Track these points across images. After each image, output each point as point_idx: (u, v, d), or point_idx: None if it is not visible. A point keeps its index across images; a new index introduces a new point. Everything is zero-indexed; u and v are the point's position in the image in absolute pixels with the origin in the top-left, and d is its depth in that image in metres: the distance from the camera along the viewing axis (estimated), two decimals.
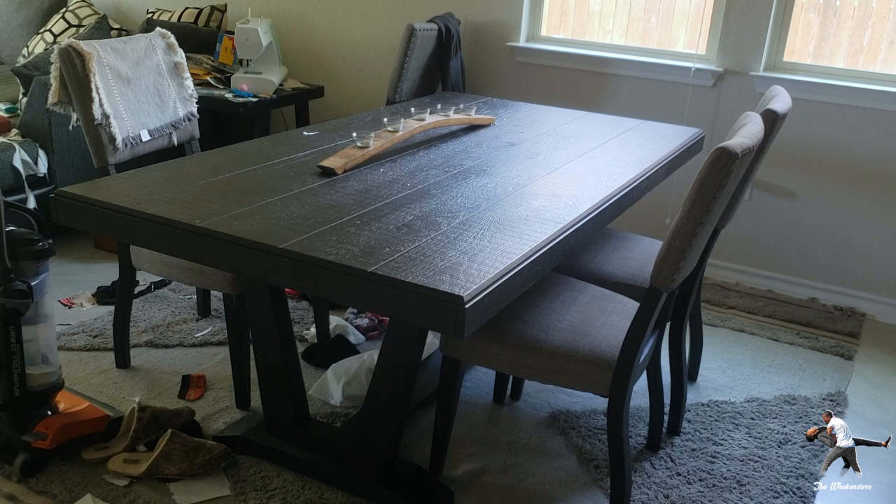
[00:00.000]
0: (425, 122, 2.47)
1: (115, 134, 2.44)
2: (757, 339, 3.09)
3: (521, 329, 1.96)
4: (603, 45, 3.69)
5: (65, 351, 2.69)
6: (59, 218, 1.88)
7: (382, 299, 1.52)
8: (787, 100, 2.30)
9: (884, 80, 3.21)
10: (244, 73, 3.78)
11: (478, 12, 3.80)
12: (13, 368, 2.05)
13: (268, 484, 2.11)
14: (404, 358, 1.96)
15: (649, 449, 2.36)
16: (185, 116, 2.73)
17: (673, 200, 3.61)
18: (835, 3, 3.27)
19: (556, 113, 3.04)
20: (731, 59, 3.38)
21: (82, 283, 3.22)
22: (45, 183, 3.39)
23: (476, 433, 2.40)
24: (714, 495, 2.19)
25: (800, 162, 3.36)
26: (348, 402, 2.48)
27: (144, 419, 2.20)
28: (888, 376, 2.89)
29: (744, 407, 2.61)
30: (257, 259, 1.62)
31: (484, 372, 2.71)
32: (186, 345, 2.80)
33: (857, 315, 3.33)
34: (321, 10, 4.14)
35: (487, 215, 1.86)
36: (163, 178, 1.98)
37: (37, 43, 4.17)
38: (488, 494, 2.14)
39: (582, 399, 2.59)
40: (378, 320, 3.00)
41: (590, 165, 2.34)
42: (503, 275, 1.56)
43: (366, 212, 1.83)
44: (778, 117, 2.15)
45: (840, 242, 3.37)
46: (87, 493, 2.03)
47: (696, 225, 1.73)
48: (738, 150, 1.66)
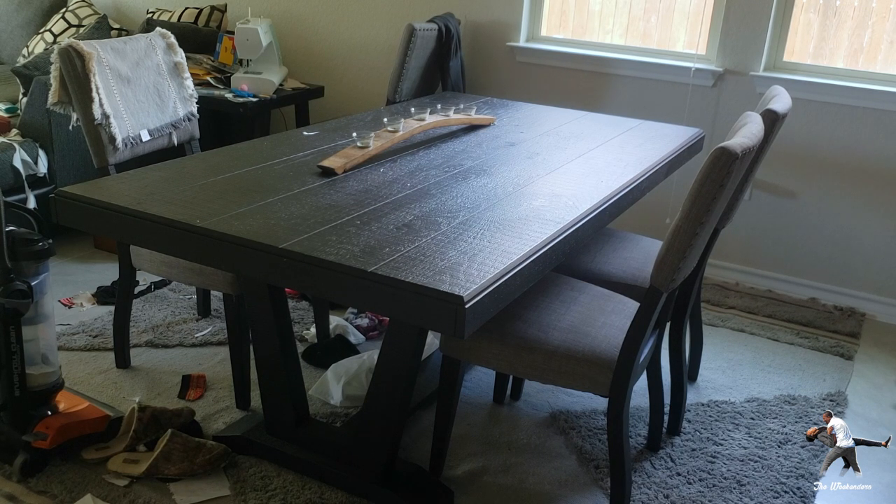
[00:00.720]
0: (425, 122, 2.47)
1: (115, 134, 2.44)
2: (757, 339, 3.09)
3: (521, 329, 1.96)
4: (603, 45, 3.69)
5: (65, 351, 2.69)
6: (59, 218, 1.88)
7: (382, 299, 1.52)
8: (787, 100, 2.30)
9: (884, 80, 3.21)
10: (244, 73, 3.78)
11: (478, 12, 3.80)
12: (13, 368, 2.05)
13: (268, 484, 2.11)
14: (404, 358, 1.96)
15: (649, 449, 2.36)
16: (185, 116, 2.73)
17: (673, 200, 3.61)
18: (835, 3, 3.27)
19: (556, 113, 3.04)
20: (731, 59, 3.38)
21: (82, 283, 3.22)
22: (45, 183, 3.39)
23: (476, 433, 2.40)
24: (714, 495, 2.19)
25: (800, 162, 3.36)
26: (348, 402, 2.48)
27: (144, 419, 2.20)
28: (888, 376, 2.89)
29: (744, 407, 2.61)
30: (257, 259, 1.62)
31: (484, 372, 2.71)
32: (186, 345, 2.80)
33: (857, 315, 3.33)
34: (321, 10, 4.14)
35: (487, 215, 1.86)
36: (163, 178, 1.98)
37: (37, 43, 4.17)
38: (488, 494, 2.14)
39: (582, 399, 2.59)
40: (378, 320, 3.00)
41: (590, 165, 2.34)
42: (503, 275, 1.56)
43: (366, 212, 1.83)
44: (778, 117, 2.15)
45: (840, 242, 3.37)
46: (87, 493, 2.03)
47: (696, 225, 1.73)
48: (738, 150, 1.66)
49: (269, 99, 3.73)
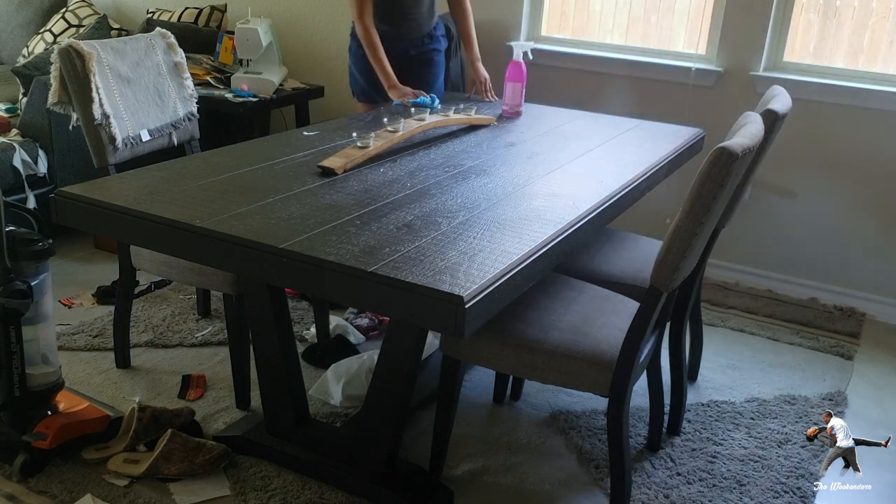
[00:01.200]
0: (425, 122, 2.47)
1: (115, 134, 2.44)
2: (757, 339, 3.09)
3: (521, 329, 1.96)
4: (603, 45, 3.69)
5: (65, 351, 2.69)
6: (59, 218, 1.88)
7: (382, 299, 1.52)
8: (787, 100, 2.30)
9: (884, 80, 3.21)
10: (244, 73, 3.78)
11: (478, 12, 3.79)
12: (13, 368, 2.05)
13: (268, 484, 2.11)
14: (404, 358, 1.96)
15: (649, 449, 2.36)
16: (185, 116, 2.73)
17: (673, 200, 3.60)
18: (835, 3, 3.27)
19: (556, 113, 3.04)
20: (731, 59, 3.38)
21: (82, 283, 3.22)
22: (45, 183, 3.39)
23: (476, 433, 2.40)
24: (714, 495, 2.19)
25: (800, 162, 3.36)
26: (348, 402, 2.48)
27: (144, 419, 2.20)
28: (888, 376, 2.89)
29: (744, 407, 2.61)
30: (257, 259, 1.62)
31: (484, 372, 2.71)
32: (186, 345, 2.80)
33: (857, 315, 3.33)
34: (321, 10, 4.14)
35: (487, 215, 1.86)
36: (163, 178, 1.98)
37: (37, 43, 4.16)
38: (488, 494, 2.14)
39: (582, 399, 2.58)
40: (378, 320, 3.00)
41: (590, 165, 2.33)
42: (503, 275, 1.56)
43: (366, 212, 1.83)
44: (778, 117, 2.15)
45: (840, 242, 3.37)
46: (87, 493, 2.03)
47: (696, 225, 1.73)
48: (738, 150, 1.67)
49: (269, 99, 3.73)
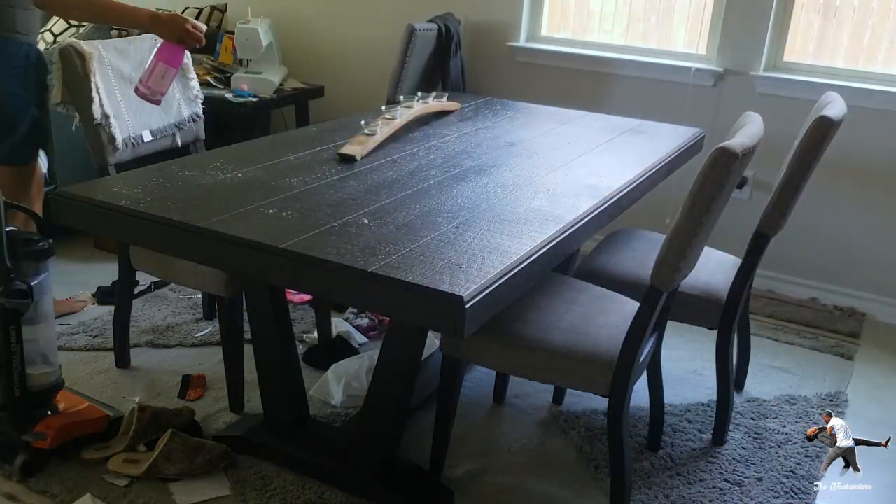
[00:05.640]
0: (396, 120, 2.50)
1: (114, 134, 2.44)
2: (757, 339, 3.08)
3: (521, 329, 1.96)
4: (603, 45, 3.69)
5: (65, 351, 2.69)
6: (59, 218, 1.88)
7: (382, 299, 1.52)
8: (842, 106, 2.26)
9: (884, 80, 3.21)
10: (244, 73, 3.78)
11: (478, 12, 3.80)
12: (13, 368, 2.05)
13: (268, 484, 2.11)
14: (404, 358, 1.96)
15: (649, 449, 2.36)
16: (189, 117, 2.72)
17: (673, 200, 3.60)
18: (835, 3, 3.27)
19: (556, 113, 3.04)
20: (731, 59, 3.38)
21: (82, 283, 3.22)
22: (45, 183, 3.38)
23: (476, 433, 2.40)
24: (714, 495, 2.18)
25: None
26: (349, 402, 2.48)
27: (144, 419, 2.20)
28: (888, 376, 2.89)
29: (744, 407, 2.61)
30: (257, 259, 1.62)
31: (484, 372, 2.71)
32: (186, 345, 2.80)
33: (857, 315, 3.33)
34: (321, 10, 4.14)
35: (487, 215, 1.86)
36: (163, 178, 1.98)
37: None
38: (488, 494, 2.14)
39: (582, 399, 2.58)
40: (378, 320, 3.00)
41: (590, 165, 2.33)
42: (503, 275, 1.56)
43: (366, 211, 1.83)
44: (833, 124, 2.11)
45: (840, 242, 3.37)
46: (87, 493, 2.03)
47: (696, 225, 1.73)
48: (738, 150, 1.67)
49: (269, 99, 3.73)
